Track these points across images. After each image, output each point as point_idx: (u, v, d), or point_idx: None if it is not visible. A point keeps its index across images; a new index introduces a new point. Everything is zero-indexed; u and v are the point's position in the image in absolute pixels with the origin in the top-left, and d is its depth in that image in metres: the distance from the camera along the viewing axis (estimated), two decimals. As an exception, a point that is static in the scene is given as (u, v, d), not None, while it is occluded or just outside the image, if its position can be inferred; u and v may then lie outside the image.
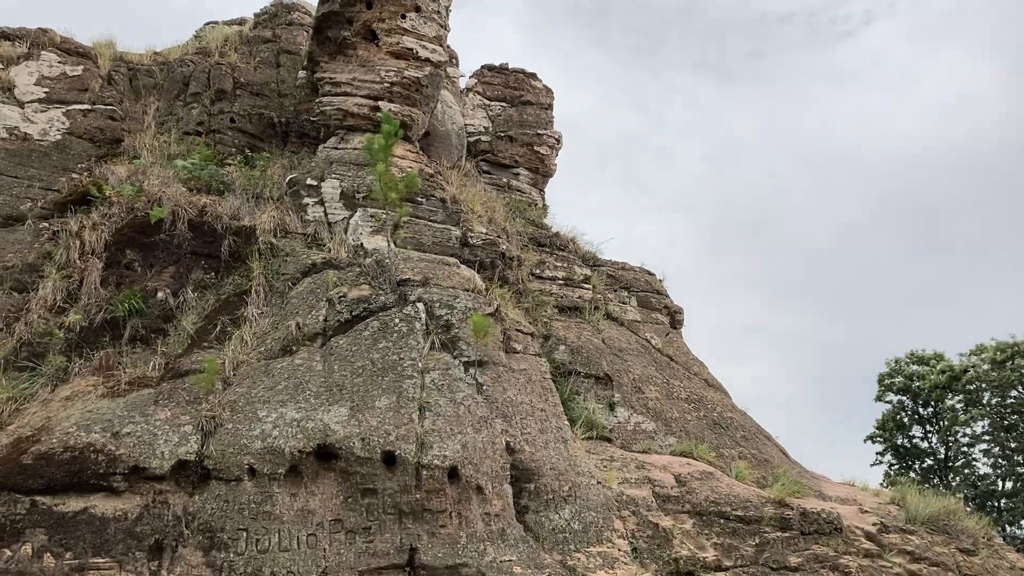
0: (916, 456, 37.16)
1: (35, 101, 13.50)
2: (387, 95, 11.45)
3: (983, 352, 35.01)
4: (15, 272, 10.78)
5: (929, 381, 36.43)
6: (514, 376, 9.36)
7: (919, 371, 37.37)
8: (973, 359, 35.36)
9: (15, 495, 7.84)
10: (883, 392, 38.16)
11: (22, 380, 9.47)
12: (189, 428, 8.44)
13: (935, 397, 36.65)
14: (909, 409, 37.84)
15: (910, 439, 37.95)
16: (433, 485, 8.22)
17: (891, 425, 37.83)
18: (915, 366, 37.87)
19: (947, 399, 36.46)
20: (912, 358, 38.11)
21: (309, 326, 9.50)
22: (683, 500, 9.13)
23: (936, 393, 36.46)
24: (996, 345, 34.34)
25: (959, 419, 35.25)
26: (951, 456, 36.47)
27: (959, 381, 35.56)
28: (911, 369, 37.85)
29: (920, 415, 37.87)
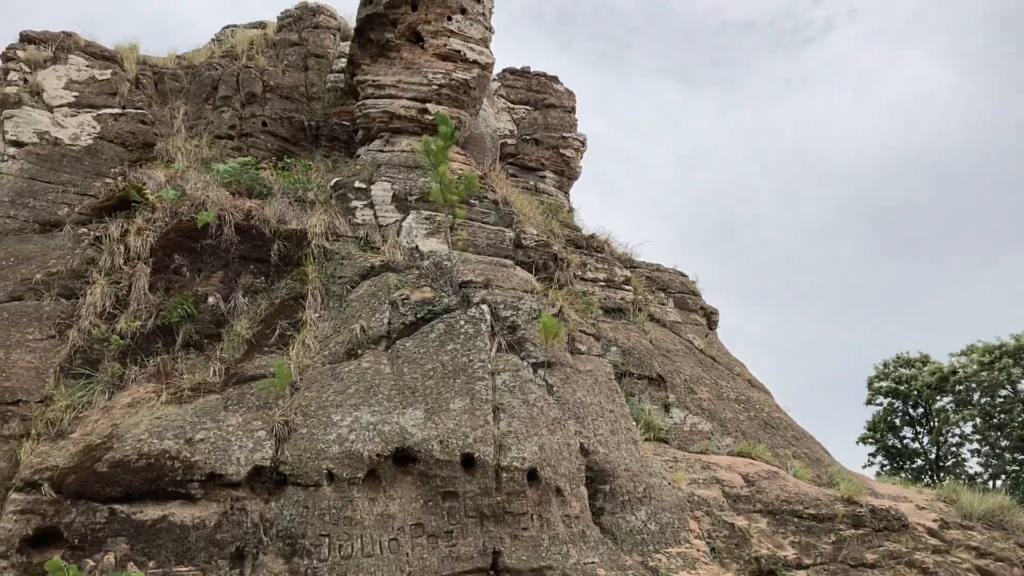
0: (907, 457, 37.58)
1: (64, 105, 13.30)
2: (435, 97, 11.37)
3: (971, 353, 35.54)
4: (60, 278, 10.58)
5: (920, 382, 36.92)
6: (581, 377, 9.30)
7: (907, 373, 37.87)
8: (962, 359, 35.87)
9: (93, 504, 7.67)
10: (873, 395, 38.61)
11: (78, 387, 9.29)
12: (263, 434, 8.30)
13: (925, 398, 37.11)
14: (899, 411, 38.29)
15: (901, 440, 38.38)
16: (513, 487, 8.14)
17: (882, 427, 38.28)
18: (903, 369, 38.36)
19: (937, 400, 36.97)
20: (899, 361, 38.60)
21: (373, 329, 9.40)
22: (754, 500, 9.12)
23: (927, 394, 36.93)
24: (983, 347, 34.89)
25: (951, 419, 35.74)
26: (942, 456, 36.93)
27: (949, 382, 36.06)
28: (899, 372, 38.34)
29: (911, 416, 38.33)
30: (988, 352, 34.63)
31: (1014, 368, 34.20)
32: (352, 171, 11.53)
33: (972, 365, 35.40)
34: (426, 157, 10.71)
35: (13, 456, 8.55)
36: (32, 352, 9.54)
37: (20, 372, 9.26)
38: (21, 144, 12.45)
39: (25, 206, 11.74)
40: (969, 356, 35.72)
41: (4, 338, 9.61)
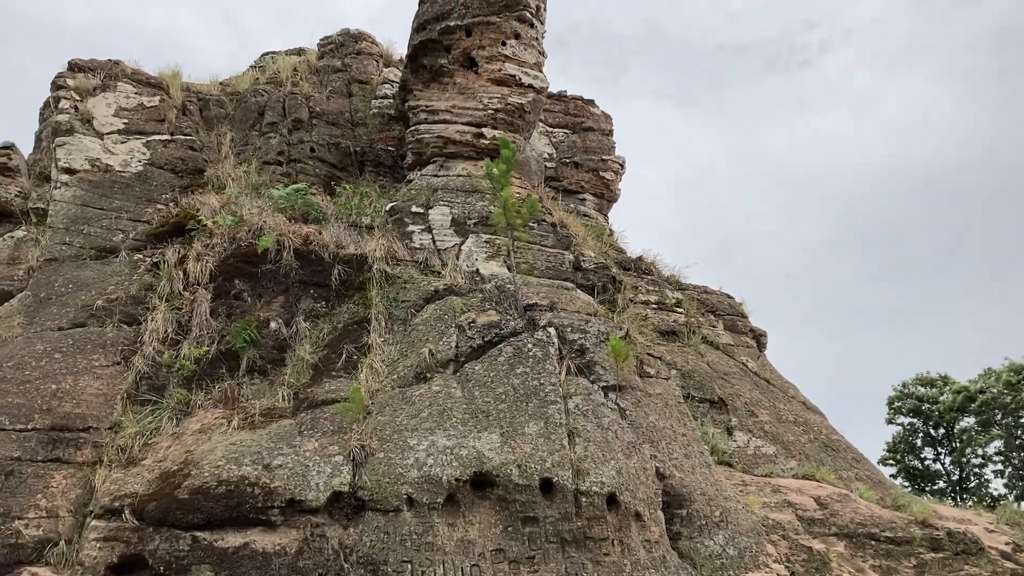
0: (928, 478, 37.32)
1: (114, 132, 13.36)
2: (491, 122, 11.42)
3: (991, 376, 35.42)
4: (120, 305, 10.59)
5: (944, 403, 36.73)
6: (651, 400, 9.26)
7: (927, 393, 37.71)
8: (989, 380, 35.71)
9: (175, 531, 7.62)
10: (893, 415, 38.44)
11: (145, 414, 9.27)
12: (339, 459, 8.25)
13: (948, 419, 36.92)
14: (920, 431, 38.08)
15: (922, 461, 38.14)
16: (593, 512, 8.08)
17: (902, 447, 38.05)
18: (923, 388, 38.20)
19: (960, 420, 36.77)
20: (920, 381, 38.47)
21: (442, 352, 9.37)
22: (828, 523, 9.04)
23: (950, 415, 36.73)
24: (1009, 366, 34.75)
25: (977, 440, 35.51)
26: (965, 477, 36.68)
27: (974, 402, 35.85)
28: (920, 392, 38.17)
29: (932, 436, 38.10)
30: (1015, 371, 34.48)
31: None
32: (407, 196, 11.55)
33: (997, 385, 35.24)
34: (486, 181, 10.75)
35: (87, 483, 8.53)
36: (99, 379, 9.53)
37: (89, 399, 9.25)
38: (73, 171, 12.51)
39: (80, 232, 11.77)
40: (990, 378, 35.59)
41: (71, 364, 9.60)
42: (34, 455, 8.57)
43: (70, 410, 9.06)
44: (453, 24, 11.58)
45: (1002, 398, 34.82)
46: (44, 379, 9.35)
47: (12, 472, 8.37)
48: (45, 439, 8.74)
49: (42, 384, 9.28)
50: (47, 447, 8.67)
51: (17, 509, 8.06)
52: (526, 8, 11.67)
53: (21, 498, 8.17)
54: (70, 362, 9.64)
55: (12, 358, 9.66)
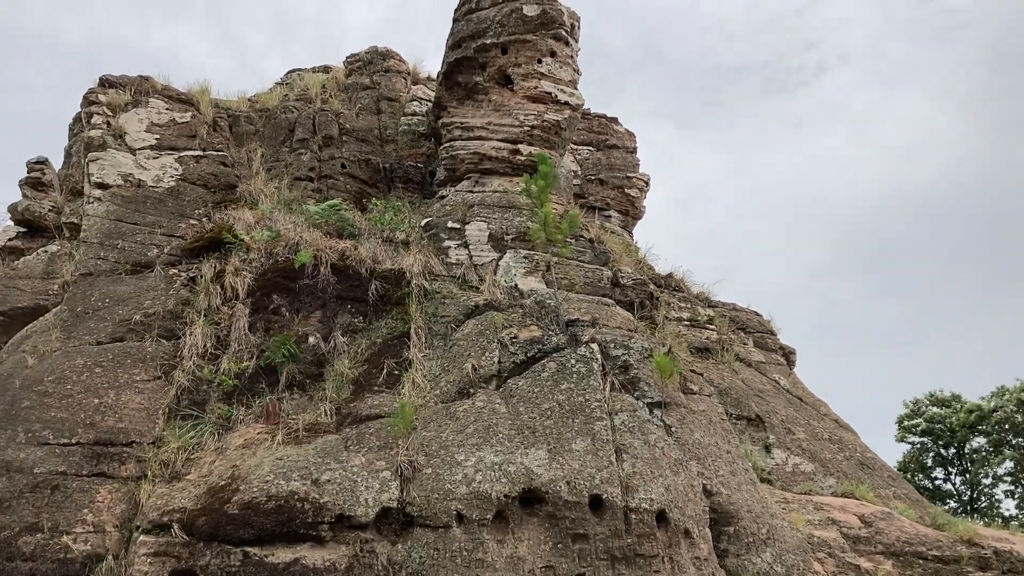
0: (939, 498, 37.10)
1: (146, 148, 13.40)
2: (527, 138, 11.45)
3: (1004, 394, 35.30)
4: (158, 319, 10.58)
5: (955, 422, 36.58)
6: (696, 417, 9.23)
7: (939, 413, 37.53)
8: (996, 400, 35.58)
9: (226, 546, 7.58)
10: (903, 434, 38.25)
11: (187, 429, 9.24)
12: (387, 474, 8.22)
13: (960, 438, 36.74)
14: (931, 450, 37.88)
15: (932, 480, 37.92)
16: (643, 529, 8.03)
17: (913, 467, 37.84)
18: (935, 408, 38.04)
19: (972, 440, 36.60)
20: (931, 399, 38.32)
21: (484, 368, 9.35)
22: (874, 541, 8.99)
23: (961, 434, 36.56)
24: (1021, 385, 34.62)
25: (989, 460, 35.35)
26: (976, 497, 36.47)
27: (987, 422, 35.70)
28: (931, 411, 38.00)
29: (943, 456, 37.91)
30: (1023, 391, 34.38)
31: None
32: (442, 211, 11.57)
33: (1009, 405, 35.11)
34: (523, 197, 10.78)
35: (132, 498, 8.50)
36: (141, 393, 9.51)
37: (132, 413, 9.23)
38: (106, 186, 12.53)
39: (114, 247, 11.78)
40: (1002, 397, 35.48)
41: (113, 379, 9.59)
42: (79, 469, 8.55)
43: (113, 424, 9.04)
44: (489, 42, 11.64)
45: (1014, 418, 34.69)
46: (86, 393, 9.34)
47: (58, 487, 8.35)
48: (89, 453, 8.72)
49: (84, 398, 9.27)
50: (91, 461, 8.65)
51: (64, 524, 8.03)
52: (561, 26, 11.73)
53: (68, 513, 8.14)
54: (111, 376, 9.63)
55: (53, 372, 9.64)
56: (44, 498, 8.23)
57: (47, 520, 7.99)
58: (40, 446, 8.71)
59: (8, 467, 8.47)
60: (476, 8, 12.06)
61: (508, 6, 11.73)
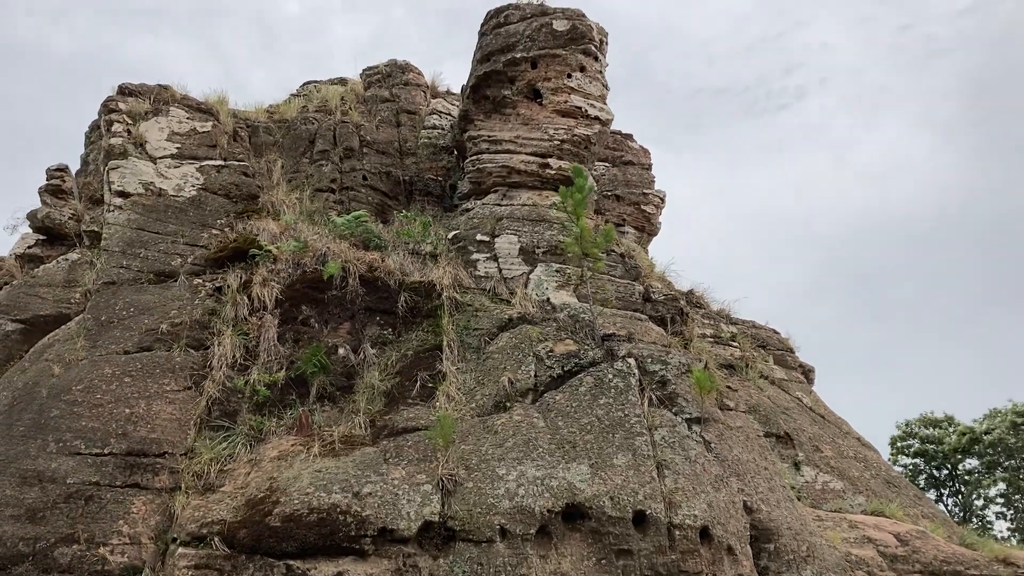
0: (932, 519, 37.00)
1: (167, 157, 13.31)
2: (556, 152, 11.45)
3: (997, 416, 35.49)
4: (185, 329, 10.46)
5: (948, 444, 36.70)
6: (733, 433, 9.19)
7: (932, 434, 37.66)
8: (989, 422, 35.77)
9: (268, 559, 7.48)
10: (896, 455, 38.29)
11: (218, 440, 9.13)
12: (428, 487, 8.13)
13: (952, 460, 36.84)
14: (924, 472, 37.94)
15: (925, 502, 37.83)
16: (687, 546, 7.97)
17: (906, 489, 37.72)
18: (927, 429, 38.17)
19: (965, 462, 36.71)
20: (924, 421, 38.44)
21: (521, 381, 9.30)
22: (911, 560, 8.96)
23: (955, 457, 36.67)
24: (1013, 408, 34.84)
25: (982, 482, 35.47)
26: (967, 519, 36.53)
27: (980, 443, 35.85)
28: (924, 432, 38.13)
29: (936, 477, 37.97)
30: (1018, 413, 34.59)
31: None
32: (470, 224, 11.53)
33: (1002, 427, 35.28)
34: (553, 211, 10.76)
35: (166, 509, 8.37)
36: (172, 403, 9.39)
37: (163, 424, 9.11)
38: (127, 195, 12.43)
39: (136, 256, 11.67)
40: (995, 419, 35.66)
41: (143, 389, 9.47)
42: (112, 480, 8.42)
43: (145, 435, 8.91)
44: (519, 56, 11.65)
45: (1006, 440, 34.86)
46: (116, 403, 9.21)
47: (92, 497, 8.21)
48: (122, 464, 8.59)
49: (115, 408, 9.14)
50: (125, 472, 8.52)
51: (100, 535, 7.89)
52: (591, 42, 11.76)
53: (103, 524, 8.01)
54: (141, 386, 9.50)
55: (81, 381, 9.51)
56: (78, 508, 8.09)
57: (83, 531, 7.86)
58: (72, 456, 8.57)
59: (40, 477, 8.33)
60: (505, 23, 12.08)
61: (538, 21, 11.76)
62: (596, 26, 11.96)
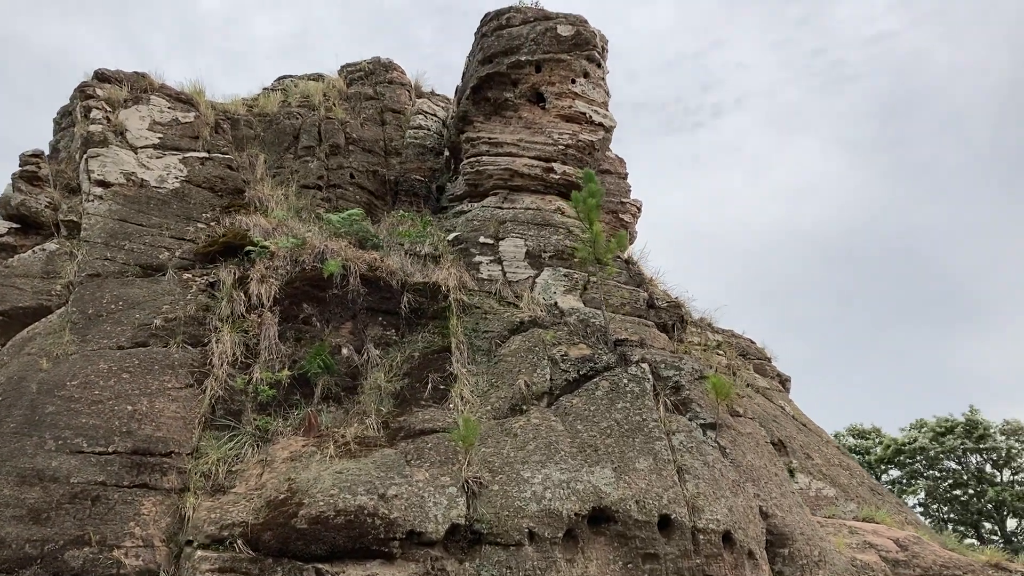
0: (856, 528, 38.15)
1: (149, 147, 12.86)
2: (561, 157, 11.44)
3: (923, 427, 36.93)
4: (180, 325, 10.11)
5: (874, 455, 37.94)
6: (745, 440, 9.31)
7: (861, 444, 38.90)
8: (914, 433, 37.18)
9: (296, 563, 7.25)
10: (824, 466, 39.27)
11: (224, 440, 8.85)
12: (453, 490, 8.01)
13: (879, 470, 38.09)
14: (853, 481, 39.04)
15: (850, 511, 38.99)
16: (711, 550, 8.03)
17: (832, 497, 38.82)
18: (855, 439, 39.40)
19: (889, 471, 38.03)
20: (852, 431, 39.67)
21: (536, 385, 9.25)
22: (912, 564, 9.20)
23: (879, 467, 37.92)
24: (938, 421, 36.29)
25: (904, 490, 36.74)
26: (891, 528, 37.70)
27: (903, 454, 37.17)
28: (850, 442, 39.34)
29: (864, 487, 39.08)
30: (940, 426, 36.00)
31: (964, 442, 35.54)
32: (471, 226, 11.44)
33: (923, 439, 36.65)
34: (559, 215, 10.74)
35: (176, 511, 8.06)
36: (175, 401, 9.05)
37: (169, 422, 8.77)
38: (108, 184, 11.97)
39: (121, 248, 11.24)
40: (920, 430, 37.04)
41: (143, 385, 9.10)
42: (119, 480, 8.06)
43: (151, 433, 8.56)
44: (523, 59, 11.62)
45: (929, 450, 36.19)
46: (117, 400, 8.83)
47: (99, 498, 7.85)
48: (128, 463, 8.24)
49: (116, 405, 8.76)
50: (132, 472, 8.17)
51: (112, 537, 7.54)
52: (594, 48, 11.81)
53: (114, 525, 7.65)
54: (141, 383, 9.14)
55: (75, 376, 9.10)
56: (85, 509, 7.72)
57: (93, 533, 7.49)
58: (73, 454, 8.18)
59: (40, 476, 7.92)
60: (506, 25, 12.04)
61: (541, 25, 11.76)
62: (598, 33, 12.02)
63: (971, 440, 35.16)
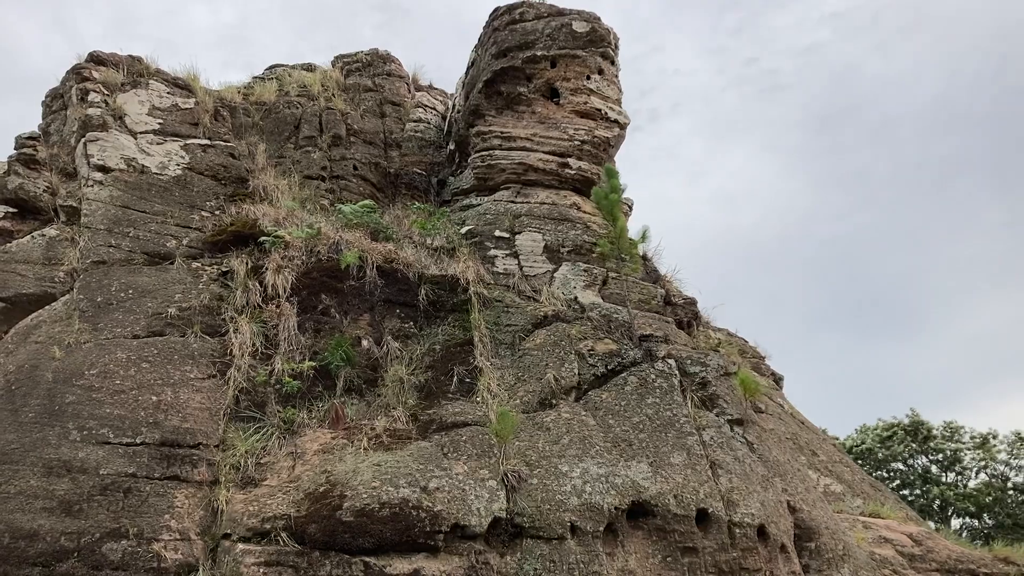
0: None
1: (149, 132, 12.56)
2: (576, 152, 11.44)
3: (867, 431, 37.90)
4: (196, 314, 9.89)
5: (823, 456, 38.72)
6: (768, 435, 9.44)
7: (811, 446, 39.67)
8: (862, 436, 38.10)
9: (344, 556, 7.14)
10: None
11: (250, 431, 8.67)
12: (493, 483, 7.97)
13: (826, 473, 38.83)
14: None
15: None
16: (747, 544, 8.12)
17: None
18: (804, 441, 40.17)
19: (840, 473, 38.85)
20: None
21: (565, 379, 9.25)
22: (927, 559, 9.43)
23: (827, 469, 38.66)
24: (885, 425, 37.29)
25: (853, 491, 37.59)
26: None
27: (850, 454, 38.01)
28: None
29: (812, 488, 39.94)
30: (886, 429, 36.97)
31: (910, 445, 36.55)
32: (484, 220, 11.39)
33: (871, 442, 37.55)
34: (578, 211, 10.77)
35: (209, 503, 7.88)
36: (199, 392, 8.85)
37: (195, 413, 8.57)
38: (108, 169, 11.66)
39: (125, 235, 10.97)
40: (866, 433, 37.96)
41: (165, 376, 8.88)
42: (150, 472, 7.85)
43: (178, 424, 8.36)
44: (539, 54, 11.60)
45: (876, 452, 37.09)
46: (140, 390, 8.60)
47: (130, 490, 7.63)
48: (157, 455, 8.02)
49: (140, 395, 8.53)
50: (162, 464, 7.96)
51: (149, 530, 7.33)
52: (609, 45, 11.85)
53: (149, 518, 7.45)
54: (162, 373, 8.91)
55: (94, 366, 8.84)
56: (118, 502, 7.50)
57: (129, 526, 7.28)
58: (100, 445, 7.94)
59: (68, 467, 7.67)
60: (520, 20, 12.01)
61: (556, 20, 11.76)
62: (611, 30, 12.07)
63: (916, 442, 36.13)
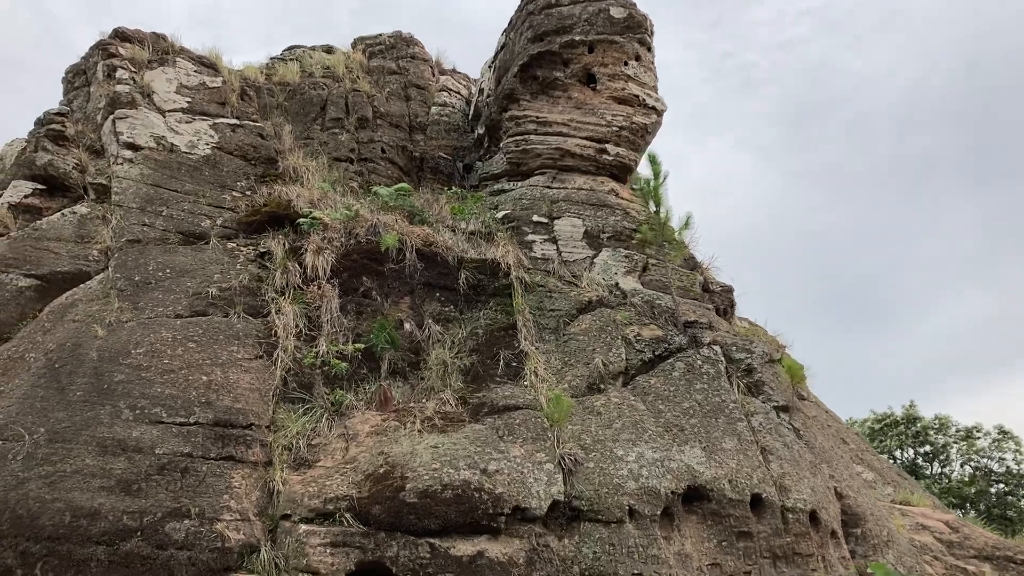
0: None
1: (177, 111, 12.41)
2: (614, 139, 11.40)
3: (854, 424, 38.31)
4: (236, 295, 9.79)
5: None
6: (812, 422, 9.49)
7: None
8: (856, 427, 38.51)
9: (410, 537, 7.11)
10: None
11: (299, 413, 8.61)
12: (550, 466, 7.96)
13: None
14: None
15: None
16: (800, 528, 8.18)
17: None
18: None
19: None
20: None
21: (613, 364, 9.25)
22: (965, 546, 9.53)
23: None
24: (874, 416, 37.69)
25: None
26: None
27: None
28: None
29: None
30: (878, 421, 37.37)
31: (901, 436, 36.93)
32: (520, 205, 11.34)
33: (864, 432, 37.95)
34: (617, 197, 10.74)
35: (265, 484, 7.81)
36: (248, 372, 8.76)
37: (246, 394, 8.49)
38: (137, 148, 11.52)
39: (159, 215, 10.84)
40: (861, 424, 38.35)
41: (213, 355, 8.78)
42: (206, 452, 7.76)
43: (230, 404, 8.27)
44: (577, 39, 11.54)
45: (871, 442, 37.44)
46: (189, 369, 8.50)
47: (187, 469, 7.54)
48: (211, 435, 7.93)
49: (189, 375, 8.44)
50: (217, 444, 7.87)
51: (210, 510, 7.25)
52: (646, 31, 11.82)
53: (209, 498, 7.37)
54: (209, 353, 8.81)
55: (140, 345, 8.73)
56: (176, 481, 7.41)
57: (191, 505, 7.19)
58: (153, 424, 7.84)
59: (123, 446, 7.57)
60: (556, 4, 11.94)
61: (594, 6, 11.70)
62: (647, 16, 12.02)
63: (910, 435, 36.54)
